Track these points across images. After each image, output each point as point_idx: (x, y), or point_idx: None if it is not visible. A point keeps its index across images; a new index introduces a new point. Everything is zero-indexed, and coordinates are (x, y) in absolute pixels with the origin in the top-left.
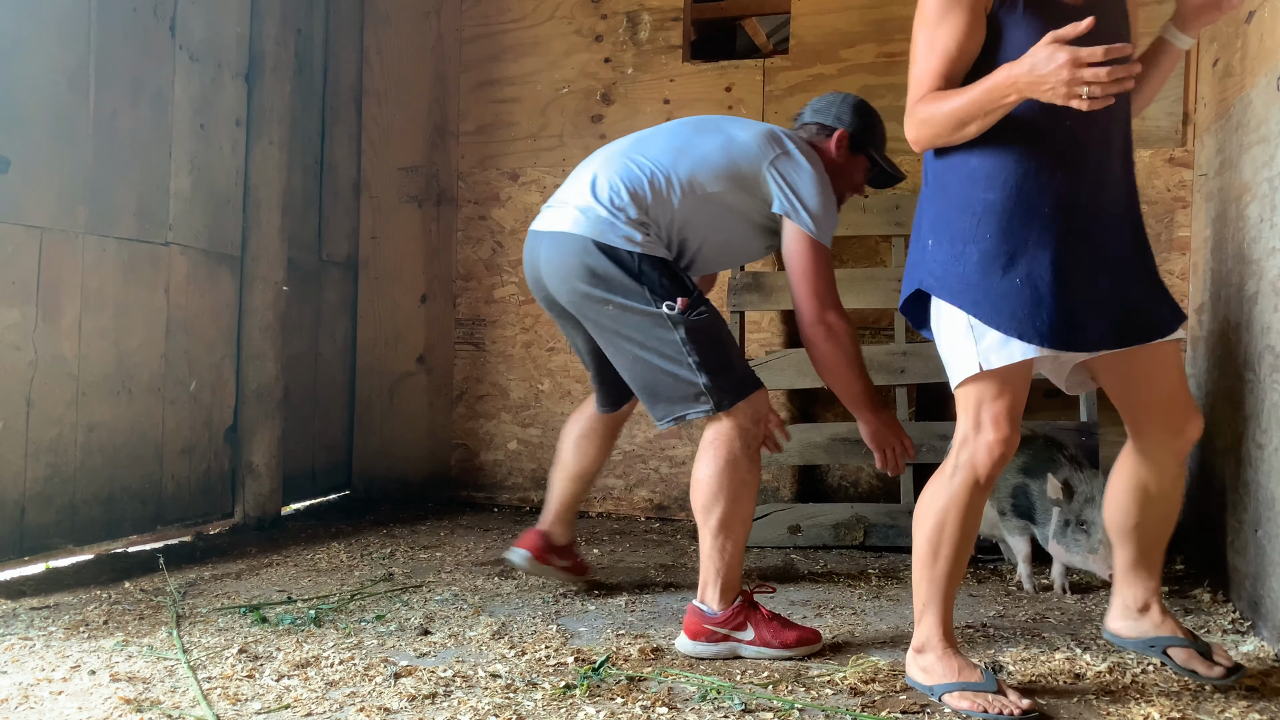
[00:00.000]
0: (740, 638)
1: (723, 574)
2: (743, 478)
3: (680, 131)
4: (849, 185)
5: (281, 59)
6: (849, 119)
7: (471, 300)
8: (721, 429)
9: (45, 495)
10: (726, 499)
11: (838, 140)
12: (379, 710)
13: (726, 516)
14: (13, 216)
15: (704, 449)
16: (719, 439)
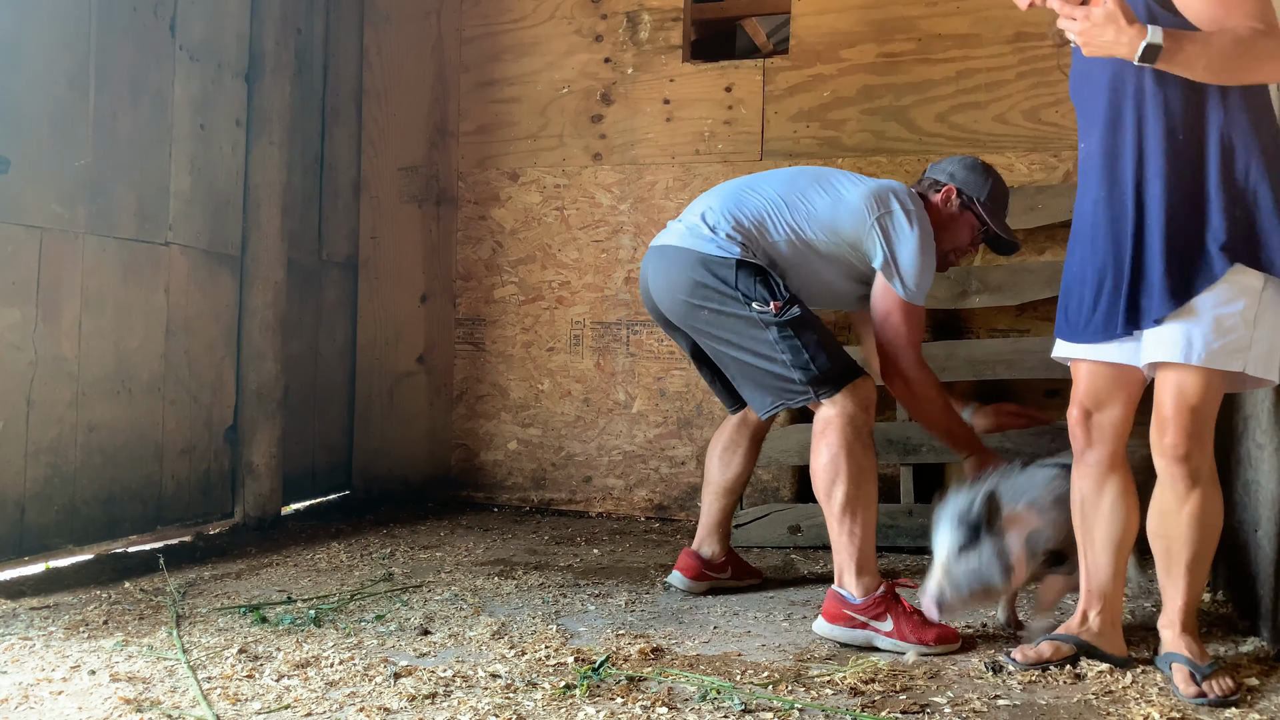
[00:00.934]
0: (879, 628)
1: (855, 557)
2: (858, 462)
3: (797, 181)
4: (956, 242)
5: (281, 59)
6: (960, 175)
7: (471, 300)
8: (828, 418)
9: (45, 495)
10: (846, 482)
11: (945, 195)
12: (379, 710)
13: (849, 500)
14: (13, 216)
15: (816, 439)
16: (827, 428)
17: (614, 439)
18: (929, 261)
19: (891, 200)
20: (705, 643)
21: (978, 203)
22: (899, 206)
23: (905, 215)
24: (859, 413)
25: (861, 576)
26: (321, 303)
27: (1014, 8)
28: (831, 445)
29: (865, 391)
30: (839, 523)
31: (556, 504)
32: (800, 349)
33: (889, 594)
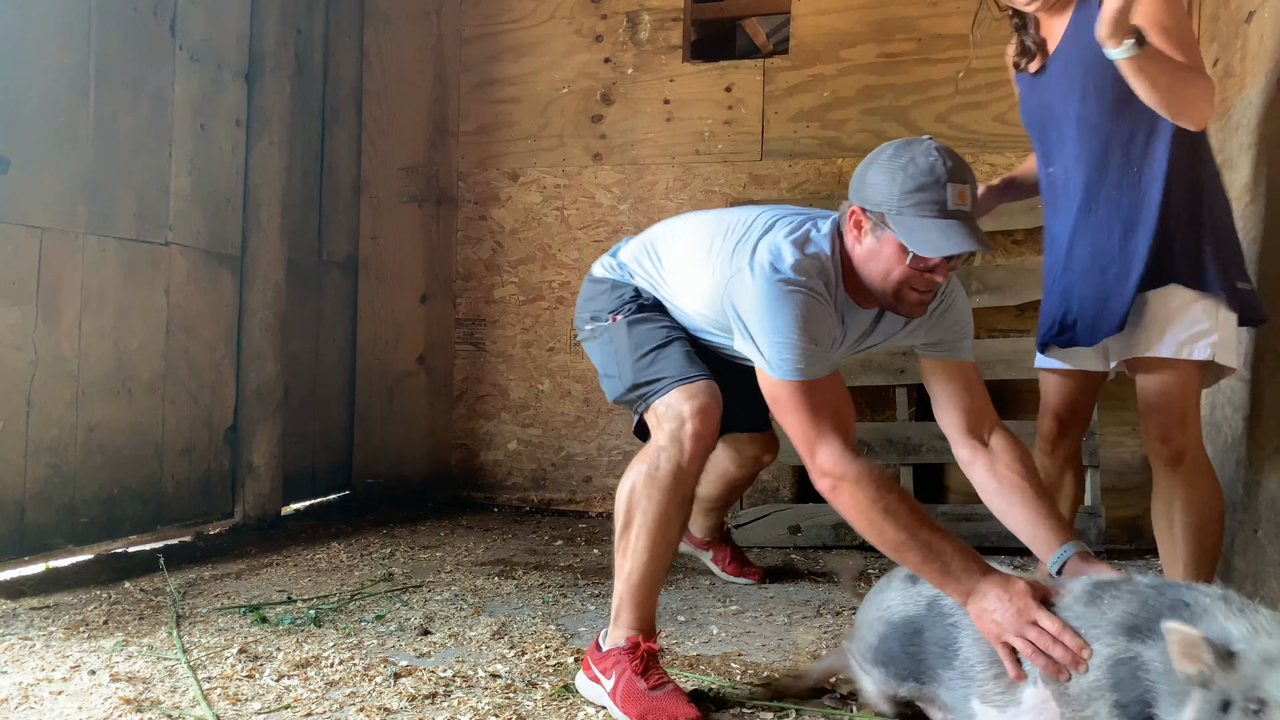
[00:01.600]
0: (603, 684)
1: (617, 599)
2: (647, 502)
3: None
4: (882, 273)
5: (281, 59)
6: (859, 185)
7: (471, 300)
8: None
9: (45, 495)
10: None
11: (852, 221)
12: (379, 710)
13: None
14: (13, 216)
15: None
16: (645, 453)
17: (614, 439)
18: (785, 316)
19: (744, 256)
20: (705, 643)
21: (887, 216)
22: (746, 261)
23: (749, 269)
24: (669, 435)
25: (635, 609)
26: (321, 303)
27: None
28: (632, 473)
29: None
30: (618, 557)
31: (556, 504)
32: (616, 354)
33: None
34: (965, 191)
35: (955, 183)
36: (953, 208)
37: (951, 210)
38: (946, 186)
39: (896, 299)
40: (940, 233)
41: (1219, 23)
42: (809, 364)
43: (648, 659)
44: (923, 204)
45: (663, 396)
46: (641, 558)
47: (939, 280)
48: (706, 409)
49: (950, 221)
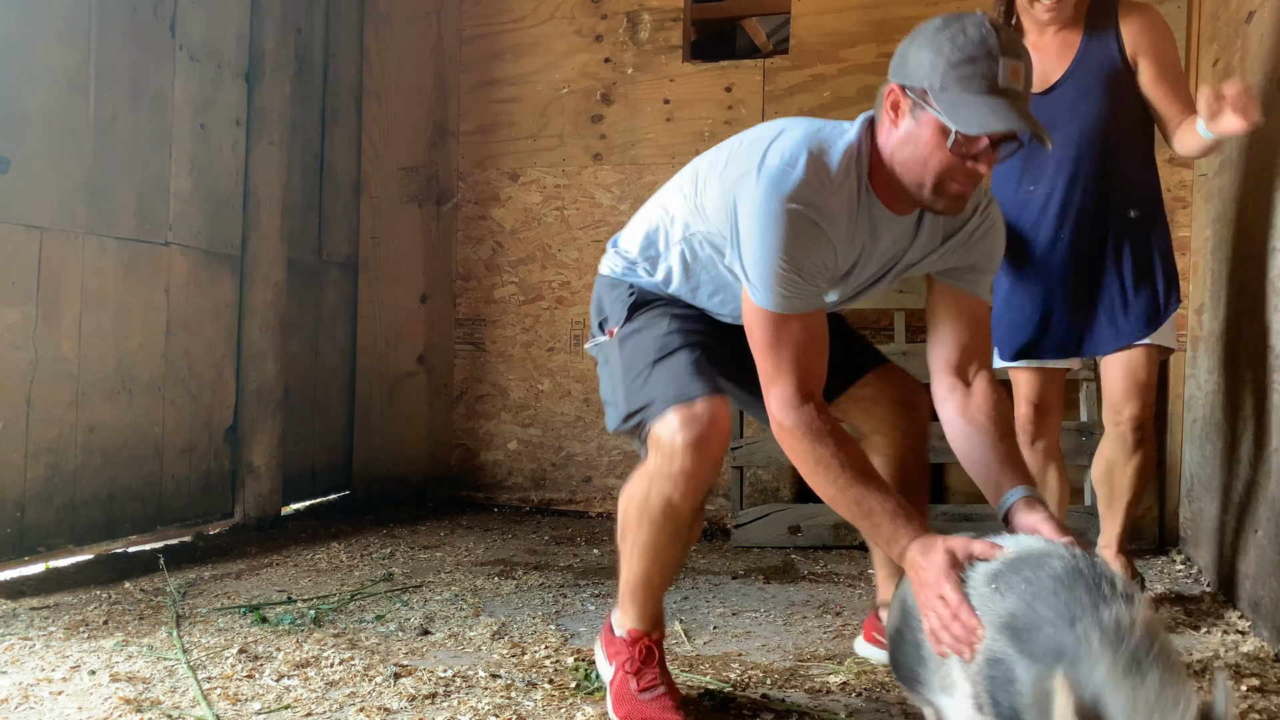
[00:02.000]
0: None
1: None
2: (631, 537)
3: (701, 161)
4: (918, 164)
5: (281, 59)
6: (899, 63)
7: (471, 300)
8: (642, 470)
9: (45, 495)
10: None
11: (890, 103)
12: (379, 710)
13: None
14: (13, 216)
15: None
16: (638, 475)
17: (614, 439)
18: (776, 238)
19: (755, 155)
20: (705, 643)
21: (930, 93)
22: (756, 162)
23: (755, 172)
24: (659, 465)
25: (630, 606)
26: (321, 303)
27: None
28: (629, 491)
29: (670, 436)
30: (620, 553)
31: (556, 504)
32: (611, 377)
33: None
34: (1019, 68)
35: (1009, 57)
36: (1004, 84)
37: (1002, 86)
38: (999, 60)
39: (936, 191)
40: (988, 109)
41: (1219, 23)
42: (789, 296)
43: (645, 656)
44: (970, 78)
45: (655, 422)
46: (637, 569)
47: (982, 171)
48: (703, 441)
49: (999, 100)
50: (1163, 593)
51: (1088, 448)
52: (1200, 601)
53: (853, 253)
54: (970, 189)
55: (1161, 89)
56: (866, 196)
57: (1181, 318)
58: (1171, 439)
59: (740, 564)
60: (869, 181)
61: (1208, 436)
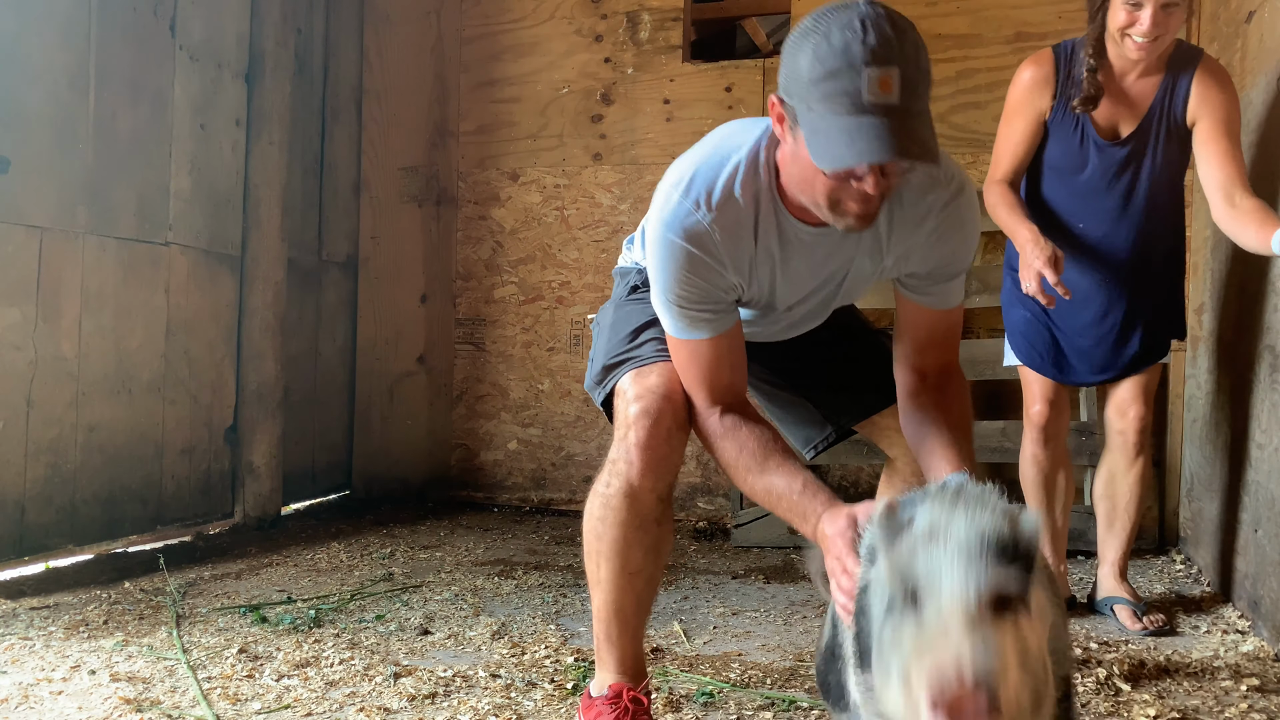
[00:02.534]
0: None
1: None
2: (596, 536)
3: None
4: (805, 179)
5: (281, 59)
6: (782, 72)
7: (471, 300)
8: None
9: (45, 495)
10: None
11: (775, 116)
12: (379, 710)
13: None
14: (13, 216)
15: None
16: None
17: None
18: (666, 272)
19: (662, 185)
20: (705, 643)
21: (800, 110)
22: (658, 189)
23: (654, 204)
24: (619, 442)
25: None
26: (321, 303)
27: (1014, 7)
28: (588, 505)
29: (624, 407)
30: (590, 589)
31: (556, 504)
32: (597, 337)
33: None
34: (890, 78)
35: (876, 65)
36: (870, 100)
37: (869, 103)
38: (863, 71)
39: (832, 210)
40: (846, 137)
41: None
42: (684, 323)
43: (633, 710)
44: (833, 96)
45: (618, 381)
46: (605, 590)
47: (870, 191)
48: (654, 411)
49: (864, 120)
50: (1163, 593)
51: (1087, 447)
52: (1200, 601)
53: (764, 270)
54: (869, 207)
55: (1214, 147)
56: (772, 209)
57: None
58: (1171, 439)
59: (740, 564)
60: (778, 194)
61: (1208, 436)
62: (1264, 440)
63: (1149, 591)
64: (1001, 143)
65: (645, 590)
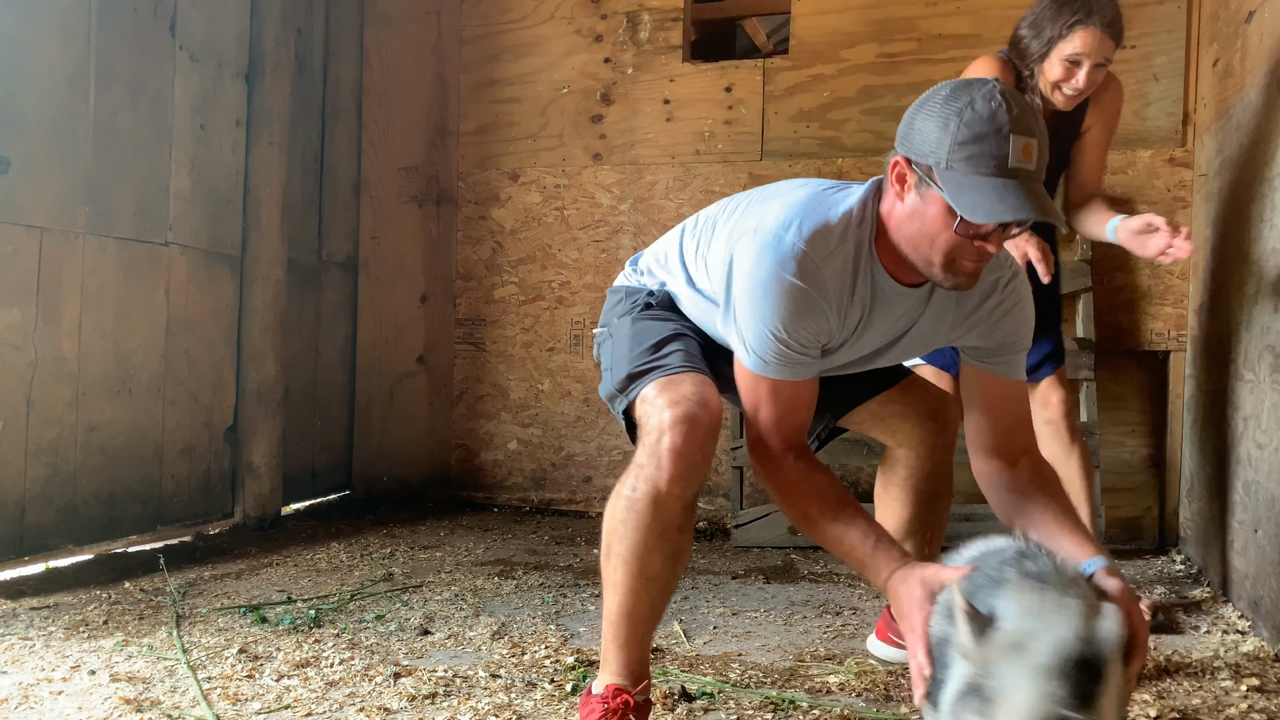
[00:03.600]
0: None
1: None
2: (621, 544)
3: (727, 205)
4: (925, 240)
5: (281, 59)
6: (911, 133)
7: (471, 300)
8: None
9: (45, 495)
10: (605, 557)
11: (896, 175)
12: (379, 710)
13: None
14: (13, 216)
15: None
16: (623, 479)
17: (614, 439)
18: (773, 306)
19: (756, 215)
20: (705, 643)
21: (935, 171)
22: (755, 223)
23: (753, 234)
24: (646, 450)
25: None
26: (321, 303)
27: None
28: (609, 506)
29: (656, 413)
30: (603, 588)
31: (556, 504)
32: (614, 349)
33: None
34: (1032, 146)
35: (1020, 134)
36: (1014, 164)
37: (1012, 167)
38: (1010, 139)
39: (945, 269)
40: (995, 194)
41: (1219, 23)
42: (778, 363)
43: (622, 712)
44: (978, 158)
45: (644, 389)
46: (619, 593)
47: (991, 250)
48: (692, 417)
49: (1008, 182)
50: (1162, 593)
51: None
52: (1200, 601)
53: (853, 319)
54: (981, 265)
55: (1094, 155)
56: (869, 263)
57: (1181, 318)
58: (1171, 439)
59: (740, 564)
60: (875, 249)
61: (1208, 436)
62: (1264, 440)
63: (1149, 591)
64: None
65: (660, 597)
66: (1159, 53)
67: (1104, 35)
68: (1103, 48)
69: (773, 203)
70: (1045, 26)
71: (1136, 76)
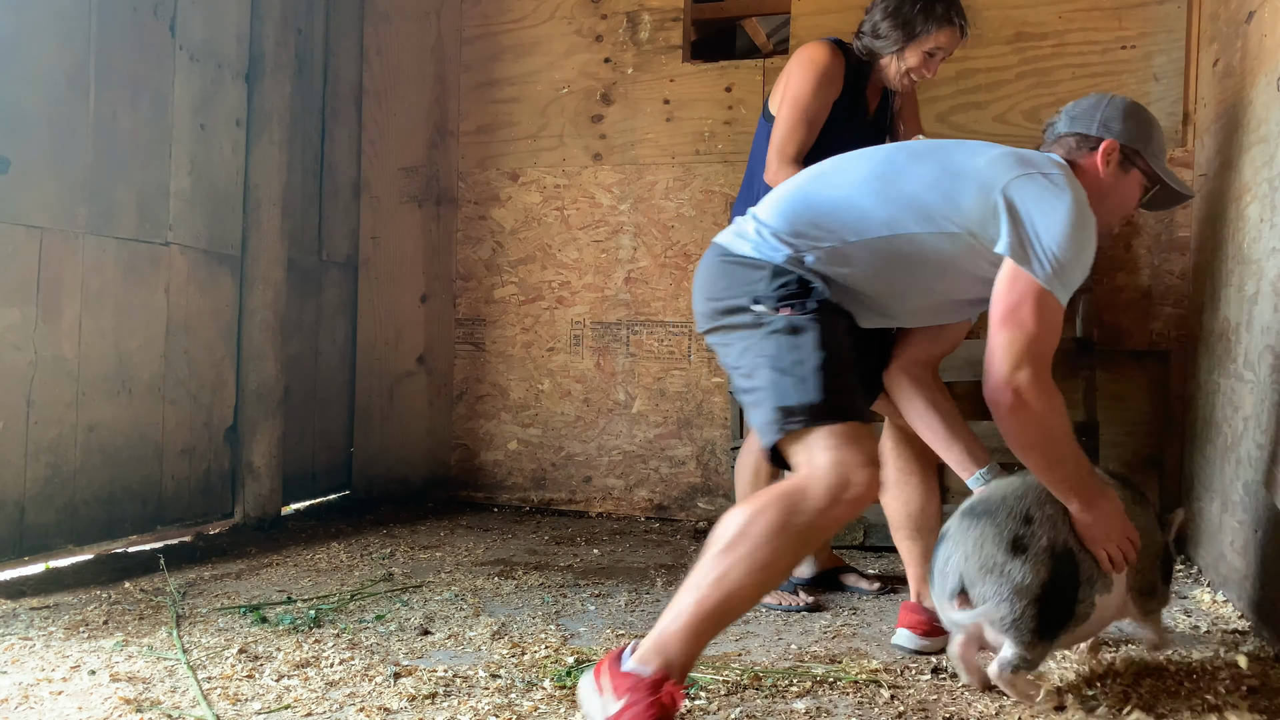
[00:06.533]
0: (610, 707)
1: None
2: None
3: (893, 160)
4: (1119, 209)
5: (281, 59)
6: (1118, 126)
7: (471, 300)
8: (786, 489)
9: (45, 495)
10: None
11: (1105, 153)
12: (379, 710)
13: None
14: (13, 216)
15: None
16: (775, 495)
17: (614, 439)
18: (1085, 239)
19: (1030, 162)
20: None
21: (1144, 156)
22: (1040, 168)
23: (1048, 178)
24: (830, 504)
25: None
26: (321, 303)
27: (1014, 7)
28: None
29: (849, 463)
30: (699, 571)
31: (556, 504)
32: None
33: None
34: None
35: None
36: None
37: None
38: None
39: (1116, 229)
40: (1176, 179)
41: (1219, 23)
42: (1067, 288)
43: (665, 708)
44: (1163, 153)
45: (830, 426)
46: (731, 594)
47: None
48: (874, 471)
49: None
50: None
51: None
52: (1199, 601)
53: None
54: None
55: (914, 130)
56: None
57: (1181, 318)
58: (1171, 439)
59: None
60: None
61: (1208, 436)
62: (1263, 440)
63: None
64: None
65: (751, 604)
66: (1159, 53)
67: (959, 34)
68: (955, 44)
69: (1016, 154)
70: (914, 21)
71: (1136, 76)
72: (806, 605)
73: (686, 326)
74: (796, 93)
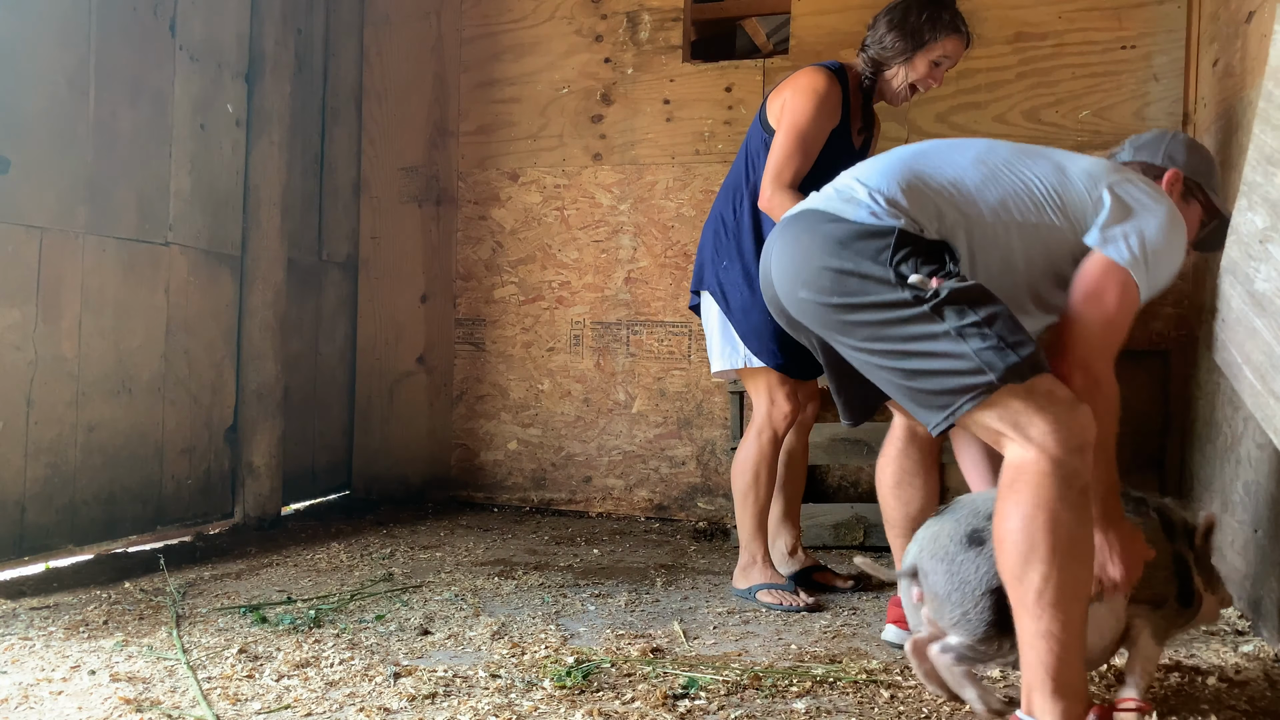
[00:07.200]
0: None
1: (1052, 671)
2: (1064, 530)
3: (995, 150)
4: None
5: (281, 59)
6: (1183, 158)
7: (471, 300)
8: (1022, 463)
9: (45, 495)
10: (1044, 561)
11: (1170, 182)
12: (379, 710)
13: (1044, 586)
14: (13, 216)
15: (1002, 495)
16: (1019, 478)
17: (614, 439)
18: (1177, 243)
19: (1128, 170)
20: (705, 643)
21: (1205, 189)
22: (1139, 178)
23: (1148, 184)
24: (1067, 455)
25: (1059, 699)
26: (321, 303)
27: (1014, 7)
28: (1024, 504)
29: (1078, 422)
30: (1032, 618)
31: (556, 504)
32: (977, 327)
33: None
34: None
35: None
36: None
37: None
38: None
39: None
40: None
41: (1219, 23)
42: (1152, 284)
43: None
44: (1221, 189)
45: (1039, 378)
46: (1067, 595)
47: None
48: (1085, 409)
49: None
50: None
51: None
52: None
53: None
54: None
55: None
56: None
57: (1181, 318)
58: (1171, 439)
59: None
60: None
61: (1208, 436)
62: (1263, 440)
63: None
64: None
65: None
66: (1159, 53)
67: (965, 42)
68: (960, 52)
69: (1112, 163)
70: (922, 30)
71: (1137, 76)
72: (806, 605)
73: (686, 326)
74: (795, 119)
